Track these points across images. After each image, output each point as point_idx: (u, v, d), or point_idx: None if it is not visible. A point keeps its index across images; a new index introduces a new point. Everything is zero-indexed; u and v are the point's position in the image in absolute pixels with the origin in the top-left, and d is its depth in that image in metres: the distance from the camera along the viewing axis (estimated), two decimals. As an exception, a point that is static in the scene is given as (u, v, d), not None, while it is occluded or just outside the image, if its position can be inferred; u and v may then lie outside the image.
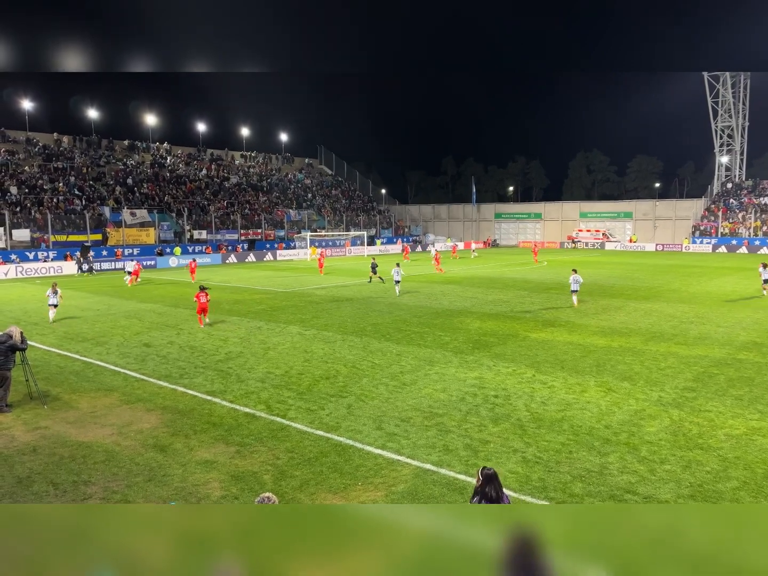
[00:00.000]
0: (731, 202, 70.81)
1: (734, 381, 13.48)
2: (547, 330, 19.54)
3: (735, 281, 33.82)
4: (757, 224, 66.17)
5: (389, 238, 75.67)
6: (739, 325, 20.13)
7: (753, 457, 9.28)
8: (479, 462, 9.18)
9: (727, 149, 75.66)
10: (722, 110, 74.15)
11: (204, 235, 58.74)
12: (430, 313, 23.24)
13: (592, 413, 11.42)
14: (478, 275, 38.89)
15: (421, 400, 12.35)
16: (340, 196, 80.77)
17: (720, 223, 68.23)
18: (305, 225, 67.99)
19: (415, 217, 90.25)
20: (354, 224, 73.98)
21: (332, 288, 32.10)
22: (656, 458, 9.27)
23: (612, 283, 32.98)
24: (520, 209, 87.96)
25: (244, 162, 77.73)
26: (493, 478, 5.80)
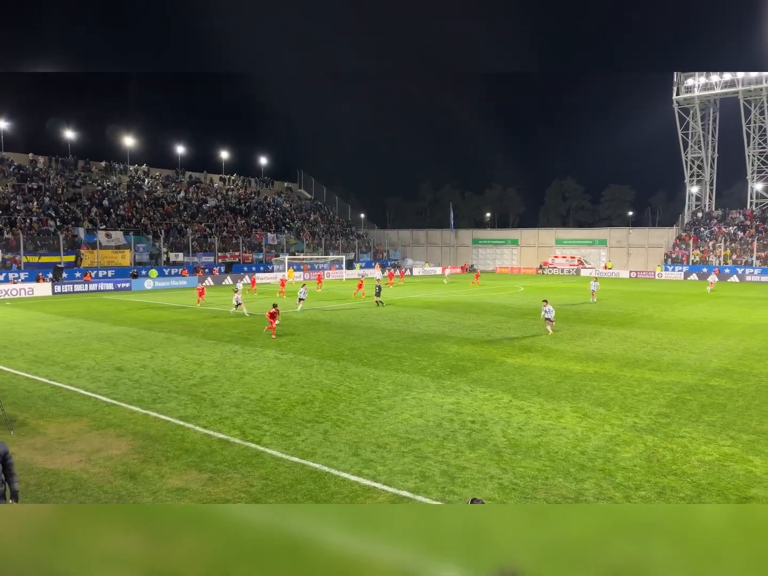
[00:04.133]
0: (702, 231, 72.59)
1: (707, 407, 13.67)
2: (524, 355, 19.64)
3: (706, 308, 34.51)
4: (727, 252, 67.84)
5: (368, 262, 75.81)
6: (711, 351, 20.48)
7: (726, 483, 9.37)
8: (456, 489, 9.12)
9: (697, 179, 77.79)
10: (692, 142, 76.43)
11: (181, 257, 58.20)
12: (408, 337, 23.24)
13: (568, 439, 11.45)
14: (456, 300, 39.08)
15: (398, 425, 12.27)
16: (319, 219, 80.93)
17: (691, 251, 69.82)
18: (283, 248, 67.86)
19: (394, 242, 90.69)
20: (333, 248, 74.05)
21: (310, 311, 31.93)
22: (631, 484, 9.31)
23: (587, 309, 33.39)
24: (497, 235, 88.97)
25: (223, 185, 77.61)
26: None
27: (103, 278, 49.01)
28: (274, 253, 66.14)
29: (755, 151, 73.58)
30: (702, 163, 76.71)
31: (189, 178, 74.56)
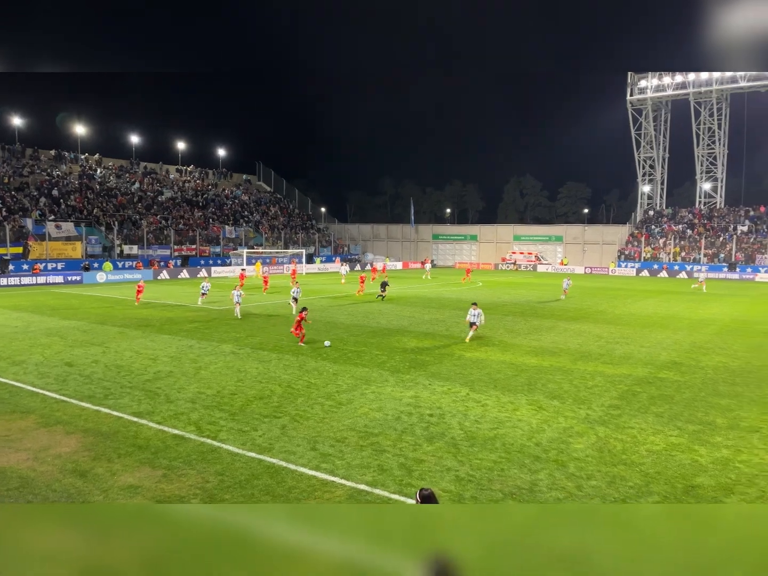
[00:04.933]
0: (653, 229, 74.90)
1: (655, 399, 14.13)
2: (482, 349, 19.91)
3: (656, 303, 35.65)
4: (676, 250, 70.22)
5: (328, 257, 75.49)
6: (660, 345, 21.17)
7: (673, 472, 9.71)
8: (413, 481, 9.19)
9: (649, 179, 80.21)
10: (644, 142, 78.72)
11: (135, 250, 56.76)
12: (368, 331, 23.25)
13: (523, 431, 11.67)
14: (416, 294, 39.30)
15: (357, 419, 12.28)
16: (279, 213, 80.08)
17: (642, 248, 71.99)
18: (242, 242, 66.92)
19: (355, 236, 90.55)
20: (293, 242, 73.44)
21: (269, 306, 31.60)
22: (583, 474, 9.55)
23: (543, 304, 34.06)
24: (457, 231, 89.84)
25: (179, 176, 75.93)
26: (429, 498, 5.78)
27: (52, 271, 47.39)
28: (232, 247, 65.17)
29: (704, 152, 76.29)
30: (654, 163, 79.13)
31: (144, 169, 72.66)
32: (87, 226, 54.63)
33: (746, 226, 69.36)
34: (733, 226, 70.21)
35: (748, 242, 67.16)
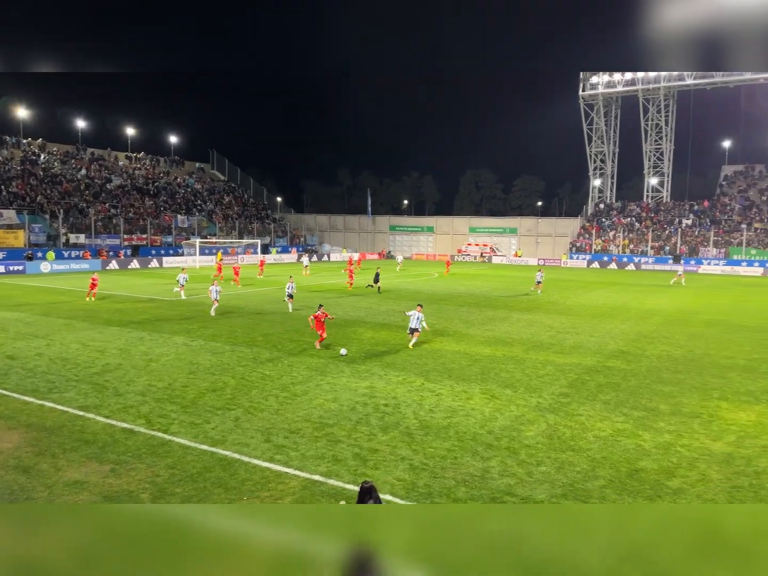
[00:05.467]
0: (603, 222, 76.97)
1: (603, 387, 14.57)
2: (437, 339, 20.10)
3: (606, 294, 36.71)
4: (625, 242, 72.39)
5: (284, 247, 74.72)
6: (609, 335, 21.82)
7: (618, 456, 10.05)
8: (368, 471, 9.23)
9: (600, 173, 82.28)
10: (596, 136, 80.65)
11: (82, 239, 54.84)
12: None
13: (476, 419, 11.86)
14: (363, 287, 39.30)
15: (312, 410, 12.23)
16: (233, 202, 78.70)
17: (593, 240, 73.94)
18: (195, 231, 65.53)
19: (311, 227, 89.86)
20: (247, 232, 72.34)
21: (222, 297, 31.05)
22: (533, 461, 9.79)
23: (498, 295, 34.61)
24: (414, 222, 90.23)
25: (129, 163, 73.62)
26: (369, 491, 5.79)
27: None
28: (185, 236, 63.73)
29: (652, 148, 78.74)
30: (605, 157, 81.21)
31: (91, 155, 70.16)
32: (30, 214, 52.49)
33: (690, 220, 72.03)
34: (678, 219, 72.81)
35: (692, 235, 69.79)
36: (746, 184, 75.25)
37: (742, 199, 72.64)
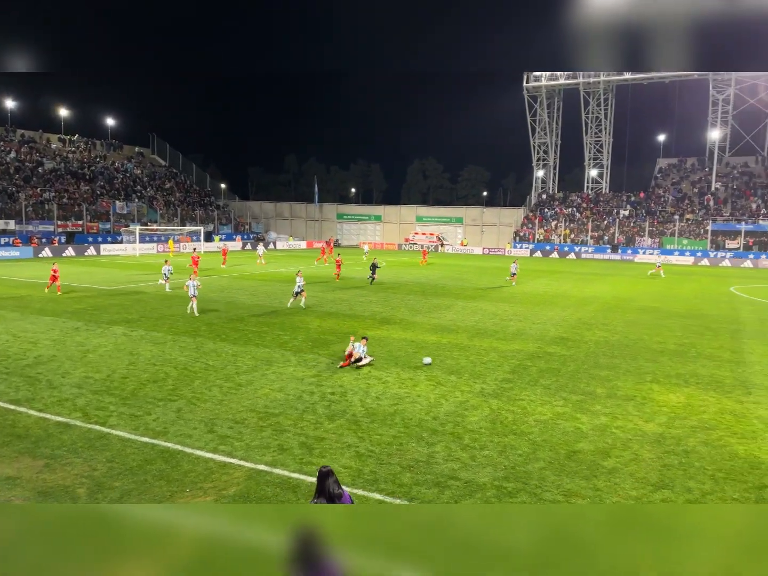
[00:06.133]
0: (546, 212, 78.96)
1: (544, 372, 15.01)
2: (384, 327, 20.20)
3: (547, 283, 37.75)
4: (567, 232, 74.53)
5: (228, 235, 73.23)
6: (550, 321, 22.46)
7: (557, 439, 10.39)
8: (314, 459, 9.21)
9: (543, 164, 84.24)
10: (539, 128, 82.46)
11: (12, 225, 52.15)
12: (270, 312, 22.88)
13: (422, 406, 12.01)
14: (320, 274, 39.11)
15: (257, 400, 12.10)
16: (175, 188, 76.45)
17: (536, 230, 75.79)
18: (134, 218, 63.37)
19: (257, 214, 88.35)
20: (190, 219, 70.49)
21: (164, 286, 30.21)
22: (477, 445, 10.00)
23: (443, 284, 35.04)
24: (362, 211, 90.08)
25: (63, 146, 70.30)
26: (327, 476, 5.80)
27: None
28: (124, 223, 61.53)
29: (592, 140, 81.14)
30: (548, 149, 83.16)
31: (21, 137, 66.61)
32: (-46, 198, 49.50)
33: (627, 211, 74.77)
34: (616, 210, 75.45)
35: (629, 225, 72.49)
36: (679, 177, 78.63)
37: (675, 191, 75.90)
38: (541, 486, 8.52)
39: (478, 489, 8.38)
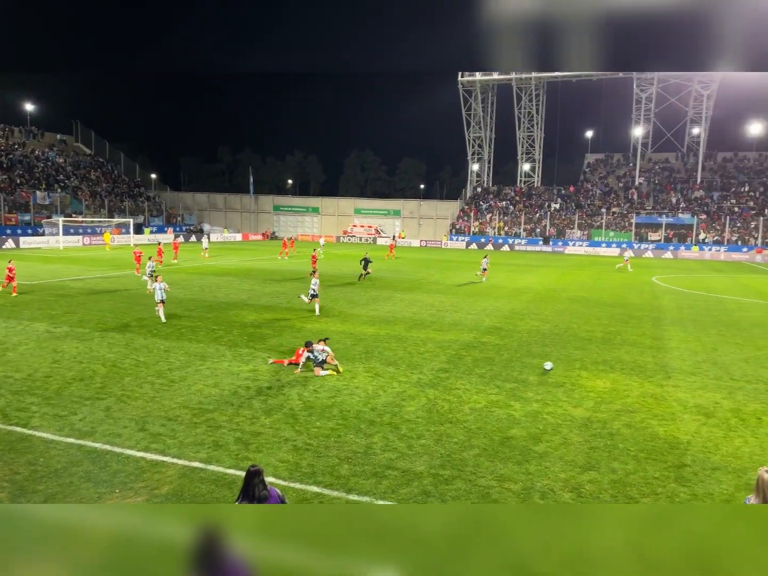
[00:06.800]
0: (481, 205, 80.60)
1: (479, 361, 15.36)
2: (322, 320, 20.11)
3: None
4: (501, 225, 76.37)
5: (160, 227, 70.84)
6: (484, 312, 22.99)
7: (491, 426, 10.67)
8: (250, 455, 9.09)
9: (477, 158, 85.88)
10: (474, 122, 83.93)
11: None
12: (204, 306, 22.33)
13: (360, 398, 12.05)
14: (256, 267, 38.49)
15: (191, 396, 11.80)
16: (101, 178, 73.19)
17: (472, 222, 77.27)
18: (57, 209, 60.27)
19: (190, 206, 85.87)
20: (118, 210, 67.71)
21: (91, 280, 28.96)
22: (414, 434, 10.14)
23: (382, 276, 35.20)
24: (299, 203, 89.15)
25: (-22, 132, 65.97)
26: (254, 476, 5.71)
27: None
28: (46, 215, 58.43)
29: (524, 135, 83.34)
30: (482, 143, 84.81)
31: (-71, 121, 62.01)
32: None
33: (558, 204, 77.36)
34: (548, 203, 77.93)
35: (559, 218, 75.03)
36: (606, 172, 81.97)
37: (602, 186, 79.10)
38: (475, 472, 8.73)
39: (415, 477, 8.50)
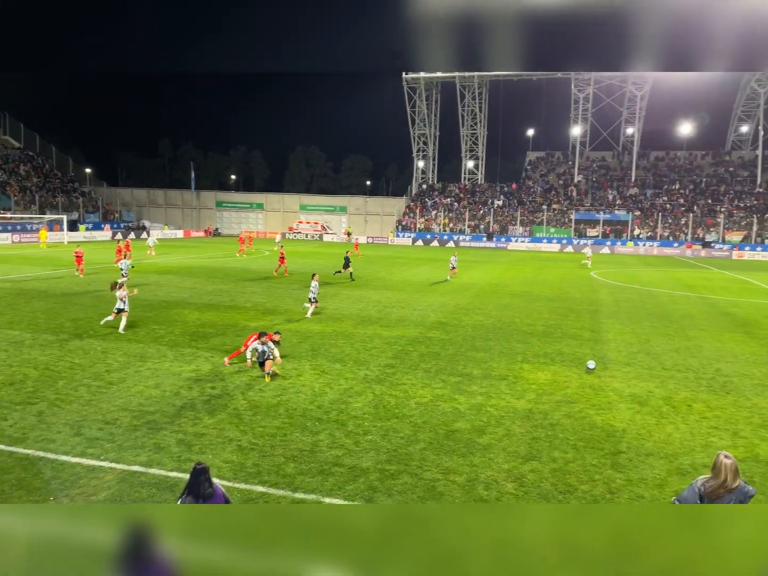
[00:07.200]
0: (426, 202, 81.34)
1: (425, 356, 15.52)
2: (267, 318, 19.85)
3: (428, 270, 39.00)
4: (446, 221, 77.32)
5: (96, 224, 68.19)
6: (430, 307, 23.24)
7: (437, 420, 10.81)
8: (193, 456, 8.88)
9: (422, 155, 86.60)
10: (418, 119, 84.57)
11: None
12: (144, 305, 21.65)
13: (306, 395, 11.97)
14: (198, 265, 37.62)
15: (131, 398, 11.43)
16: (32, 173, 69.80)
17: (417, 219, 77.90)
18: (-15, 205, 57.16)
19: (128, 202, 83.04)
20: (51, 206, 64.77)
21: (20, 280, 27.62)
22: (360, 431, 10.15)
23: (327, 273, 35.02)
24: (242, 199, 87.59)
25: None
26: (200, 473, 5.61)
27: None
28: (-27, 211, 55.35)
29: (468, 132, 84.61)
30: (427, 140, 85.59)
31: None
32: None
33: (501, 201, 78.96)
34: (491, 200, 79.43)
35: (503, 215, 76.61)
36: (546, 169, 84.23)
37: (543, 183, 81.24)
38: (421, 466, 8.83)
39: (362, 473, 8.52)
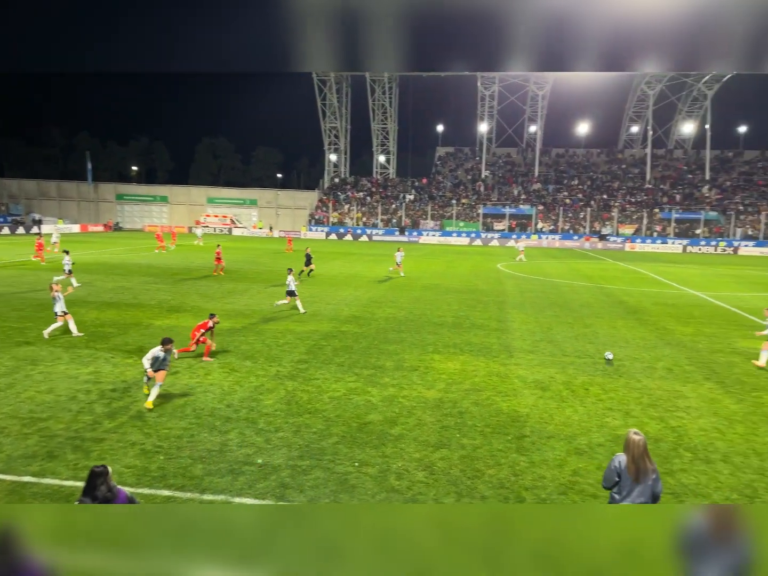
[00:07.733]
0: (339, 195, 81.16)
1: (338, 350, 15.49)
2: (173, 316, 19.08)
3: (342, 264, 38.96)
4: (359, 215, 77.53)
5: (-20, 218, 62.75)
6: (344, 302, 23.23)
7: (350, 413, 10.82)
8: (91, 463, 8.38)
9: (334, 148, 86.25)
10: (329, 112, 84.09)
11: None
12: (34, 305, 20.18)
13: (214, 395, 11.61)
14: (97, 261, 35.55)
15: (20, 405, 10.62)
16: None
17: (330, 213, 77.60)
18: None
19: (15, 194, 77.01)
20: (-74, 198, 58.91)
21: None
22: (272, 428, 9.99)
23: (238, 268, 34.19)
24: (145, 191, 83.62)
25: None
26: (98, 476, 5.32)
27: None
28: None
29: (379, 126, 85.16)
30: (338, 133, 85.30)
31: None
32: None
33: (413, 195, 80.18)
34: (403, 195, 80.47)
35: (414, 209, 77.83)
36: (455, 165, 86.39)
37: (452, 178, 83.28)
38: (334, 460, 8.81)
39: (273, 471, 8.39)
